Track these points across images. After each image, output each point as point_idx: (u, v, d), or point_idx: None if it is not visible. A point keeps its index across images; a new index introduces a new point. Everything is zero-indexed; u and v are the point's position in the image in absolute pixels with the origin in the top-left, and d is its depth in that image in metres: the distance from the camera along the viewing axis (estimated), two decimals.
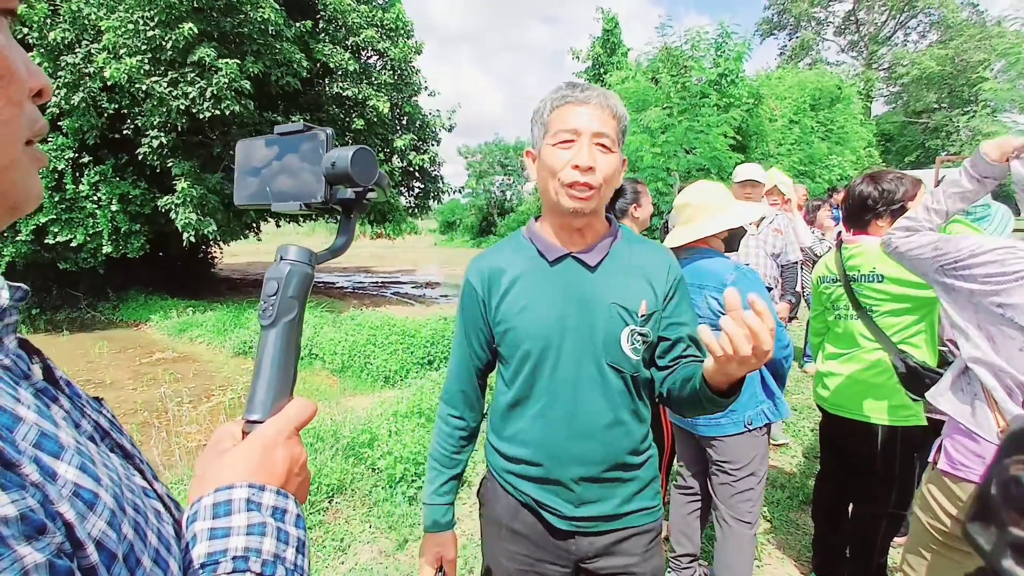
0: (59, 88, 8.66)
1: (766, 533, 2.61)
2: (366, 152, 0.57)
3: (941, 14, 23.88)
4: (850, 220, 1.91)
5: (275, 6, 8.94)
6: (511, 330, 1.07)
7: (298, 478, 0.51)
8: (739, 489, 1.85)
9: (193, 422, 4.80)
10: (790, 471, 3.20)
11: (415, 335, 6.43)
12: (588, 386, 1.04)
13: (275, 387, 0.53)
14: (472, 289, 1.12)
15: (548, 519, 1.09)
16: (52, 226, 9.16)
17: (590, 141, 0.97)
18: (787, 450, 3.48)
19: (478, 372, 1.18)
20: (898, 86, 25.00)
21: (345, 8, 10.28)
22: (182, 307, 9.86)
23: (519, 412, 1.10)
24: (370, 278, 16.97)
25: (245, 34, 8.88)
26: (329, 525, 2.69)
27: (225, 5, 8.63)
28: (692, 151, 9.29)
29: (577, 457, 1.05)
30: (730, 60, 9.95)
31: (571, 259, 1.06)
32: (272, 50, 9.16)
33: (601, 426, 1.05)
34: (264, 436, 0.50)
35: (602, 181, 0.98)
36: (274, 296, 0.54)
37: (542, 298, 1.05)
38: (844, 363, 1.92)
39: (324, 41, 10.36)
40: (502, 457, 1.14)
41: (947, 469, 1.27)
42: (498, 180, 32.24)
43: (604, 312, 1.04)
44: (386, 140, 11.53)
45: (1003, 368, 1.17)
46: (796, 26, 28.08)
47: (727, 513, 1.88)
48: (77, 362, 7.54)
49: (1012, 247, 1.21)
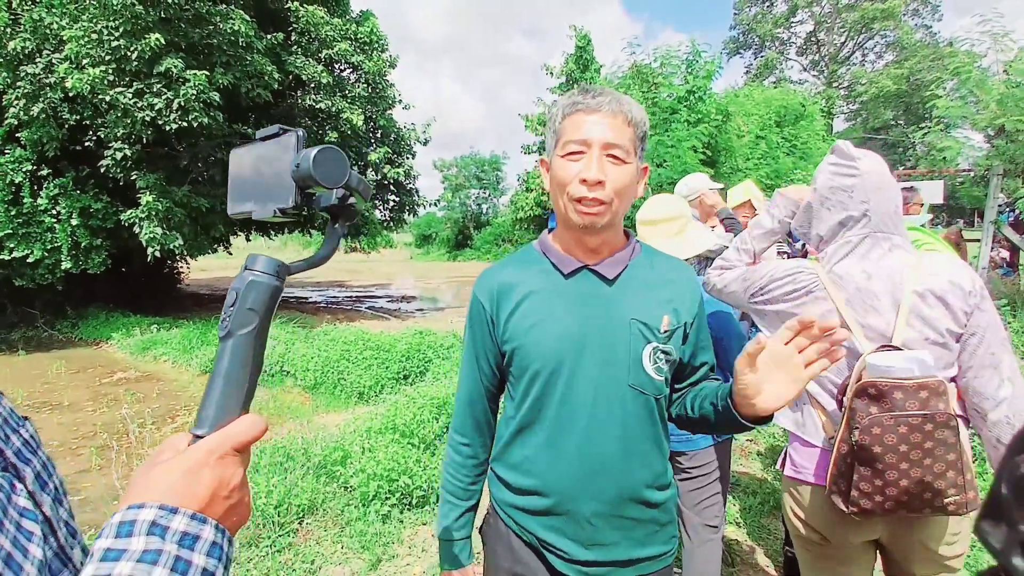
0: (18, 99, 8.35)
1: (738, 539, 2.62)
2: (332, 151, 0.54)
3: (896, 35, 25.27)
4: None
5: (246, 18, 8.83)
6: (520, 348, 0.98)
7: (227, 502, 0.46)
8: (707, 495, 1.88)
9: (156, 444, 4.59)
10: (762, 477, 3.25)
11: (390, 350, 6.33)
12: (606, 409, 0.95)
13: (224, 401, 0.50)
14: (480, 306, 1.04)
15: (553, 563, 0.98)
16: (8, 241, 8.76)
17: (600, 152, 0.91)
18: (759, 457, 3.52)
19: (490, 396, 1.08)
20: (857, 104, 26.24)
21: (318, 21, 10.24)
22: (145, 324, 9.48)
23: (527, 438, 1.00)
24: (344, 292, 16.70)
25: (215, 45, 8.74)
26: (299, 547, 2.60)
27: (194, 16, 8.49)
28: (663, 165, 9.52)
29: (591, 490, 0.95)
30: (699, 78, 10.28)
31: (587, 271, 0.99)
32: (242, 62, 9.03)
33: (618, 456, 0.95)
34: (192, 454, 0.46)
35: (613, 195, 0.91)
36: (232, 307, 0.52)
37: (555, 313, 0.97)
38: None
39: (297, 53, 10.28)
40: (507, 488, 1.04)
41: (791, 474, 1.36)
42: (474, 193, 32.44)
43: (624, 329, 0.95)
44: (360, 153, 11.46)
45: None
46: (761, 46, 29.27)
47: (695, 520, 1.89)
48: (33, 383, 7.17)
49: (799, 266, 1.34)
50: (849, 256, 1.28)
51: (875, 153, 1.33)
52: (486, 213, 32.43)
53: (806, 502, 1.32)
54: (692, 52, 10.52)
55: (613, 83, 10.86)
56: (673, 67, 10.47)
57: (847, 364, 1.24)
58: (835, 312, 1.26)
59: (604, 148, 0.91)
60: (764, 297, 1.39)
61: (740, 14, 29.20)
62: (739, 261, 1.55)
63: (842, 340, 0.78)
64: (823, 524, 1.29)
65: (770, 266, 1.40)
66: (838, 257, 1.29)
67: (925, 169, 15.17)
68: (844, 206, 1.28)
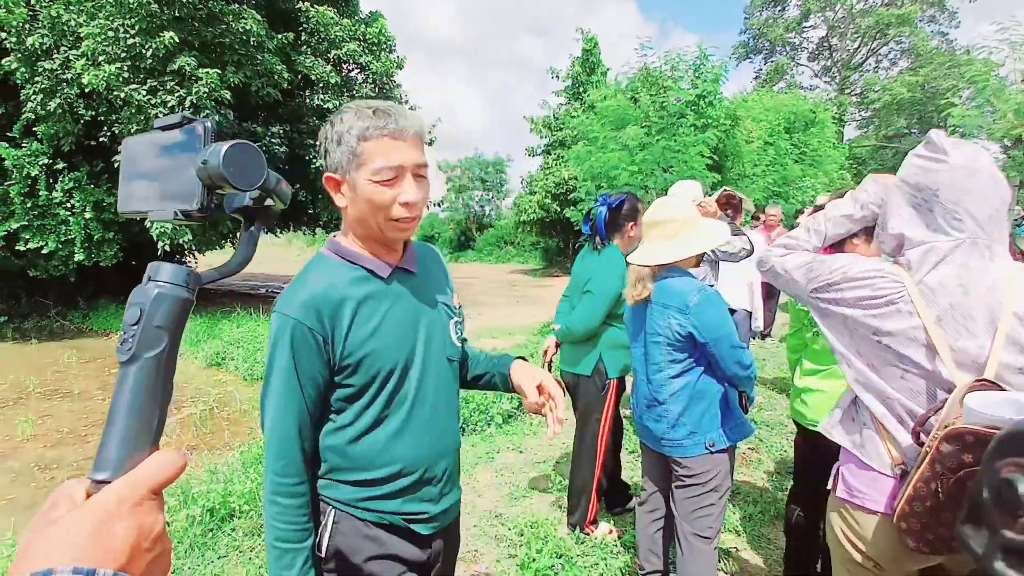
0: (35, 94, 8.54)
1: (737, 548, 2.61)
2: (246, 148, 0.48)
3: (911, 42, 24.90)
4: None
5: (257, 17, 8.96)
6: (368, 356, 1.01)
7: (149, 554, 0.40)
8: (700, 504, 1.87)
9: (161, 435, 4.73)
10: (762, 486, 3.22)
11: None
12: (440, 382, 1.12)
13: (130, 438, 0.42)
14: (305, 332, 0.97)
15: (415, 529, 1.10)
16: (23, 232, 8.99)
17: (412, 175, 0.98)
18: (759, 465, 3.49)
19: (314, 423, 1.04)
20: (870, 111, 25.89)
21: (328, 21, 10.34)
22: None
23: (377, 434, 1.05)
24: None
25: (226, 44, 8.87)
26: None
27: (207, 15, 8.63)
28: (669, 169, 9.50)
29: (443, 451, 1.13)
30: (708, 82, 10.23)
31: (399, 271, 1.09)
32: (253, 61, 9.16)
33: (450, 416, 1.16)
34: (102, 502, 0.39)
35: (423, 208, 1.02)
36: (136, 325, 0.44)
37: (390, 316, 1.05)
38: (823, 379, 1.94)
39: (306, 53, 10.39)
40: (358, 486, 1.05)
41: (845, 497, 1.24)
42: (477, 195, 32.41)
43: (436, 311, 1.13)
44: None
45: (890, 396, 1.15)
46: (771, 50, 28.99)
47: (687, 529, 1.89)
48: (44, 371, 7.36)
49: (881, 269, 1.15)
50: (942, 264, 1.08)
51: (975, 146, 1.13)
52: (489, 215, 32.42)
53: (865, 531, 1.19)
54: (700, 55, 10.47)
55: (621, 86, 10.86)
56: (681, 71, 10.44)
57: (926, 390, 1.09)
58: (921, 330, 1.08)
59: (415, 170, 0.99)
60: (831, 296, 1.21)
61: (751, 18, 28.95)
62: (807, 243, 1.36)
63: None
64: (883, 554, 1.17)
65: (845, 260, 1.21)
66: (929, 265, 1.10)
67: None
68: (929, 205, 1.10)
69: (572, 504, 2.74)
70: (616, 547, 2.61)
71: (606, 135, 9.88)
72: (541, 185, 19.05)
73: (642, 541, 2.17)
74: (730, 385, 1.88)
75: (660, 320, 1.85)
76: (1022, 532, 0.37)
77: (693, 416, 1.84)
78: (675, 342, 1.82)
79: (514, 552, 2.59)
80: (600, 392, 2.58)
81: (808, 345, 2.07)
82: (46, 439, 5.14)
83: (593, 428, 2.60)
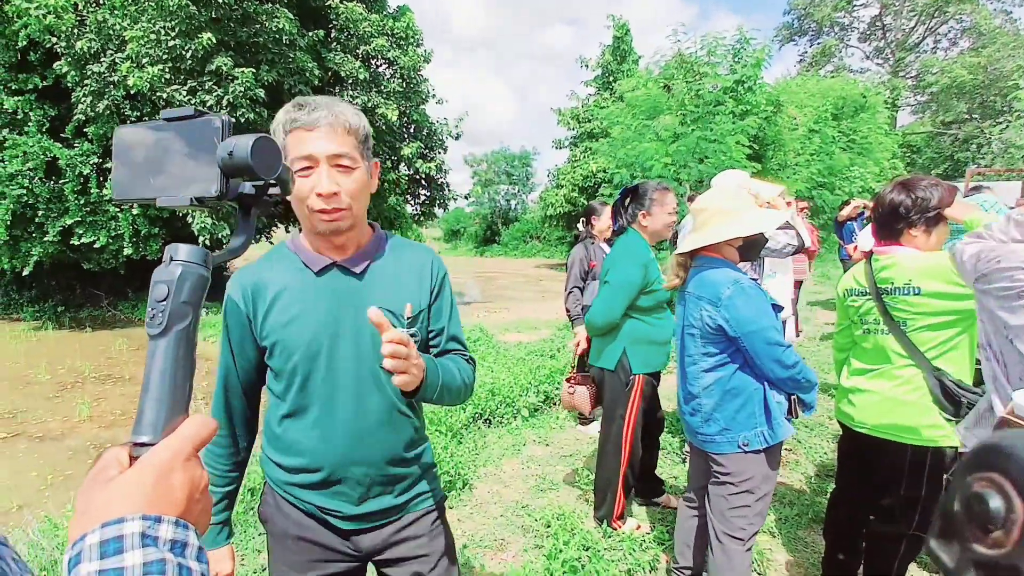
0: (85, 96, 8.99)
1: (773, 550, 2.55)
2: (268, 141, 0.53)
3: (973, 20, 23.23)
4: (880, 229, 1.81)
5: (289, 16, 9.14)
6: (280, 342, 1.06)
7: (199, 505, 0.46)
8: (733, 504, 1.81)
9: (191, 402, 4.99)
10: (800, 488, 3.13)
11: None
12: (365, 390, 1.08)
13: (167, 404, 0.48)
14: (235, 306, 1.09)
15: (332, 522, 1.12)
16: (77, 228, 9.51)
17: (328, 166, 0.98)
18: (797, 467, 3.39)
19: (246, 389, 1.16)
20: (926, 95, 24.36)
21: (357, 17, 10.45)
22: None
23: (294, 423, 1.10)
24: None
25: (260, 43, 9.09)
26: None
27: (242, 15, 8.86)
28: (705, 160, 9.14)
29: (359, 459, 1.09)
30: (748, 67, 9.77)
31: (336, 268, 1.08)
32: (286, 59, 9.36)
33: (380, 426, 1.10)
34: (158, 459, 0.44)
35: (349, 200, 1.00)
36: (164, 301, 0.49)
37: (310, 309, 1.06)
38: (872, 379, 1.84)
39: (336, 50, 10.54)
40: (281, 469, 1.13)
41: None
42: (503, 189, 32.36)
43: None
44: (394, 148, 11.64)
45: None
46: (818, 32, 27.62)
47: (720, 528, 1.84)
48: (98, 358, 7.80)
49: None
50: None
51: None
52: (515, 209, 32.32)
53: None
54: (739, 39, 10.01)
55: (653, 74, 10.51)
56: (719, 56, 10.00)
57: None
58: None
59: (330, 159, 0.98)
60: (984, 287, 1.17)
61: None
62: (1002, 234, 1.24)
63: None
64: None
65: (1005, 251, 1.15)
66: None
67: (1002, 167, 13.96)
68: None
69: (598, 499, 2.70)
70: (644, 542, 2.56)
71: (639, 124, 9.57)
72: (568, 178, 18.74)
73: (679, 535, 2.15)
74: (771, 385, 1.78)
75: (694, 311, 1.81)
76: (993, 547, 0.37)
77: (726, 413, 1.78)
78: (707, 334, 1.77)
79: (540, 543, 2.58)
80: (624, 387, 2.51)
81: (857, 343, 1.96)
82: (101, 420, 5.45)
83: (618, 424, 2.54)
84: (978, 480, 0.39)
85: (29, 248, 9.55)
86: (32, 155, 9.06)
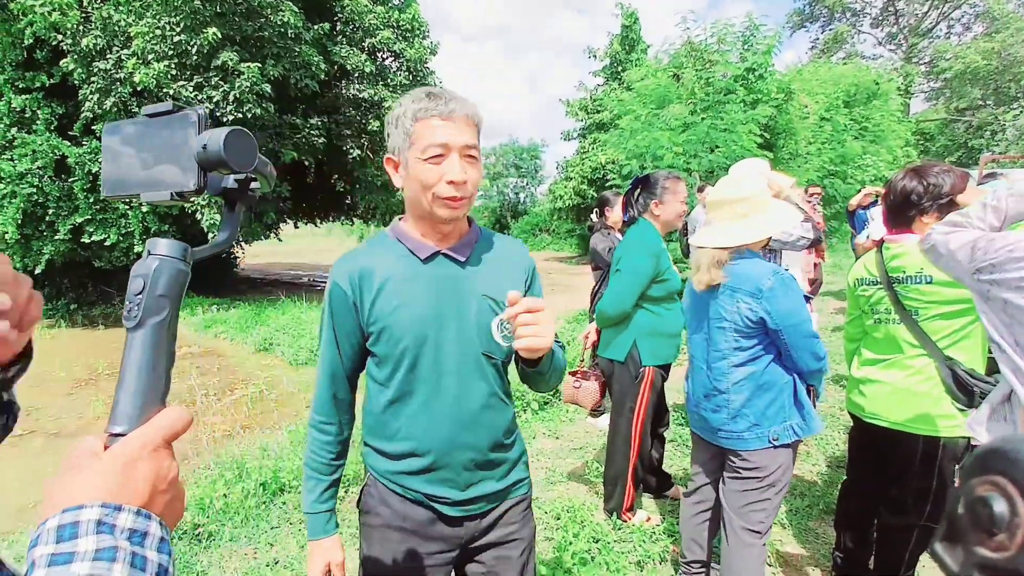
0: (92, 93, 9.02)
1: (784, 542, 2.53)
2: (242, 134, 0.53)
3: (986, 5, 22.69)
4: (892, 217, 1.78)
5: (294, 9, 9.11)
6: (388, 328, 1.08)
7: (165, 496, 0.46)
8: (754, 499, 1.78)
9: (217, 413, 4.99)
10: (811, 479, 3.11)
11: None
12: (469, 375, 1.10)
13: (142, 395, 0.48)
14: (342, 292, 1.11)
15: (440, 509, 1.14)
16: (88, 226, 9.57)
17: (460, 155, 1.01)
18: (808, 458, 3.36)
19: (349, 377, 1.19)
20: (940, 81, 23.89)
21: (362, 10, 10.41)
22: (207, 304, 10.16)
23: (400, 408, 1.12)
24: None
25: (266, 38, 9.07)
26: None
27: (247, 9, 8.83)
28: (715, 149, 9.01)
29: (465, 443, 1.11)
30: (758, 54, 9.61)
31: (442, 256, 1.11)
32: (291, 53, 9.34)
33: (483, 410, 1.12)
34: (125, 448, 0.45)
35: (472, 190, 1.04)
36: (139, 295, 0.49)
37: (417, 295, 1.08)
38: (884, 370, 1.82)
39: (341, 43, 10.51)
40: (386, 457, 1.15)
41: None
42: (512, 182, 32.27)
43: (476, 304, 1.10)
44: None
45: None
46: (830, 18, 27.13)
47: (737, 522, 1.81)
48: (112, 354, 7.85)
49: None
50: None
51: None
52: (523, 202, 32.25)
53: None
54: (750, 26, 9.84)
55: (662, 62, 10.36)
56: (729, 44, 9.84)
57: None
58: None
59: (462, 151, 1.01)
60: (993, 277, 1.12)
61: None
62: (980, 220, 1.23)
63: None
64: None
65: (1014, 238, 1.11)
66: None
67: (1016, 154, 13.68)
68: None
69: (608, 491, 2.68)
70: (654, 533, 2.56)
71: (648, 113, 9.44)
72: (577, 170, 18.61)
73: (685, 530, 2.12)
74: (799, 377, 1.76)
75: (728, 305, 1.75)
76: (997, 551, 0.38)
77: (756, 408, 1.74)
78: (744, 328, 1.72)
79: (551, 535, 2.58)
80: (633, 379, 2.49)
81: (868, 333, 1.93)
82: None
83: (627, 416, 2.53)
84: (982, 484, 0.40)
85: (41, 247, 9.64)
86: (41, 154, 9.12)
